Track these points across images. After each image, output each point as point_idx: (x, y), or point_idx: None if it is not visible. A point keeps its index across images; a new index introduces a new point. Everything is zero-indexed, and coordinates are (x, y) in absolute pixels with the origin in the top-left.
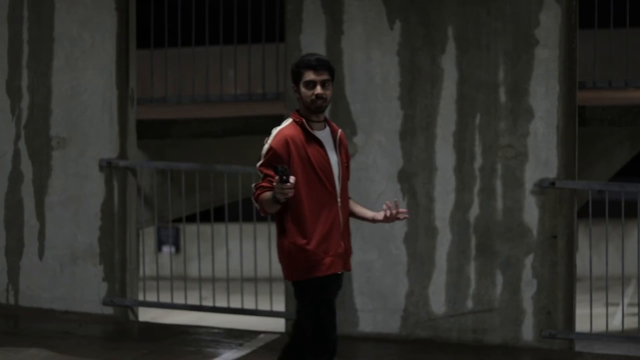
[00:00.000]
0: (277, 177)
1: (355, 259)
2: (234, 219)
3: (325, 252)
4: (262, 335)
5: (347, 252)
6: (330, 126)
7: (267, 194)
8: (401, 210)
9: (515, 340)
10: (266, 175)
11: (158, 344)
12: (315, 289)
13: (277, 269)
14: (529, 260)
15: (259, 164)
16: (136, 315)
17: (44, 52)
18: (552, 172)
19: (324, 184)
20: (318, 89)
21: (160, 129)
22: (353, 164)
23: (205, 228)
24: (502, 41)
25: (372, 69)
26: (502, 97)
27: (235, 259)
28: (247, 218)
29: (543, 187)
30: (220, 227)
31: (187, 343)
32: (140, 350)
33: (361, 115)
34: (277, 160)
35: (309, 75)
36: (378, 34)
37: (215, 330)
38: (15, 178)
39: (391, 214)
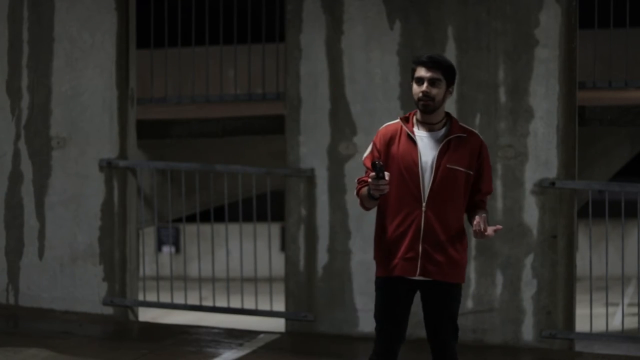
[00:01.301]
0: (372, 173)
1: (355, 259)
2: (234, 219)
3: (393, 254)
4: (262, 335)
5: (429, 259)
6: (452, 128)
7: (365, 189)
8: (494, 228)
9: (515, 340)
10: (367, 169)
11: (158, 344)
12: (377, 287)
13: (277, 269)
14: (529, 260)
15: (364, 156)
16: (136, 315)
17: (44, 52)
18: (552, 172)
19: (408, 186)
20: (424, 86)
21: (160, 129)
22: (352, 164)
23: (205, 228)
24: (502, 41)
25: (372, 69)
26: (502, 97)
27: (235, 259)
28: (247, 218)
29: (543, 187)
30: (220, 227)
31: (187, 343)
32: (140, 350)
33: (361, 115)
34: (374, 155)
35: (420, 72)
36: (378, 34)
37: (215, 330)
38: (15, 178)
39: (479, 230)
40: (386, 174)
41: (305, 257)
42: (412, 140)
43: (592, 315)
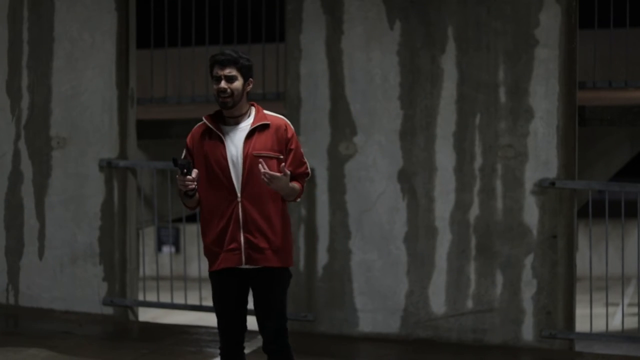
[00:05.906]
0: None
1: (355, 259)
2: None
3: (220, 247)
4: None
5: (252, 247)
6: (255, 118)
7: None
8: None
9: (515, 340)
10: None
11: (158, 344)
12: (212, 283)
13: None
14: (529, 260)
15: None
16: (136, 315)
17: (44, 52)
18: (552, 172)
19: (221, 180)
20: (220, 84)
21: (160, 129)
22: (353, 164)
23: None
24: (502, 41)
25: (372, 69)
26: (502, 97)
27: None
28: None
29: (543, 187)
30: None
31: (187, 343)
32: (140, 350)
33: (361, 115)
34: (186, 156)
35: (215, 70)
36: (378, 34)
37: (215, 330)
38: (15, 178)
39: (265, 173)
40: (194, 171)
41: (305, 257)
42: (217, 137)
43: (592, 315)
